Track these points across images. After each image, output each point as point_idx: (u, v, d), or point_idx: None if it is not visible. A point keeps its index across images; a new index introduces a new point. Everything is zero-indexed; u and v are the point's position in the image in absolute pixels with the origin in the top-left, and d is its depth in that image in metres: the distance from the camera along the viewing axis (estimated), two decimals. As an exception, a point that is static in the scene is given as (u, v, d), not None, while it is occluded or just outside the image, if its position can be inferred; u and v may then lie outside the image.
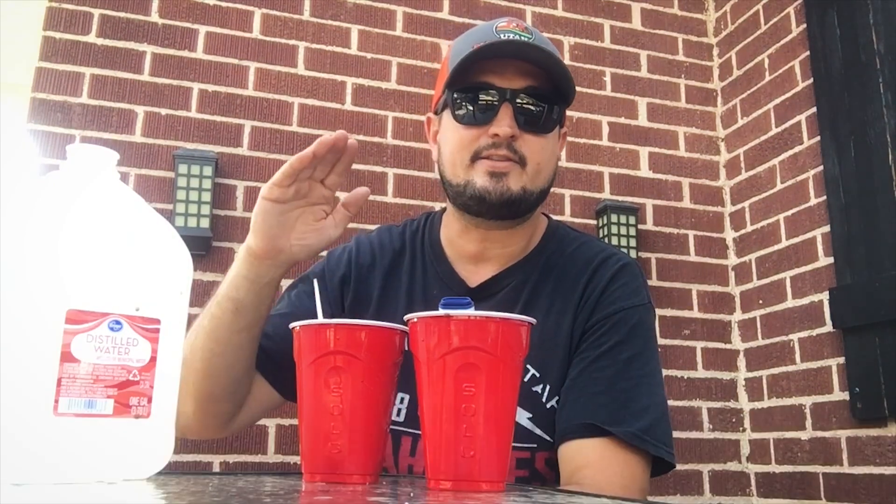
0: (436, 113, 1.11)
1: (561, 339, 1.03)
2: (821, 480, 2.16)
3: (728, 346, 2.54)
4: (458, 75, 1.02)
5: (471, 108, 1.02)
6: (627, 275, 1.07)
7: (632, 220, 2.46)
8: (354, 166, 2.28)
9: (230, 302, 0.95)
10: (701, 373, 2.48)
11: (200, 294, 2.14)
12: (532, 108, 1.01)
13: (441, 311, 0.65)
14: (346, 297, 1.11)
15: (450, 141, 1.05)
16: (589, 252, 1.10)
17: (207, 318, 0.98)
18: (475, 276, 1.09)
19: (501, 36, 1.02)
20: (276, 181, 0.88)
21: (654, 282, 2.50)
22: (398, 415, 1.04)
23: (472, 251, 1.09)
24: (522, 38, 1.02)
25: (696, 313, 2.53)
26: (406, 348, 0.73)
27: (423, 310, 0.68)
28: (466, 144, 1.02)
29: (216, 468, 1.98)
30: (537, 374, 1.02)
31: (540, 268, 1.09)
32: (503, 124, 0.99)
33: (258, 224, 0.91)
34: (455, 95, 1.03)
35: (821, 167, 2.27)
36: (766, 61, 2.54)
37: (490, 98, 1.01)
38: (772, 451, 2.35)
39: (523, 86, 1.01)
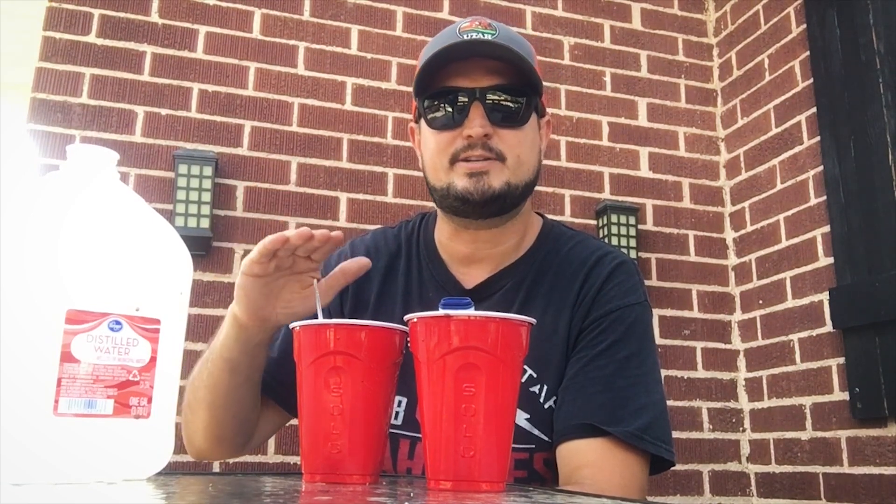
0: (416, 122, 1.12)
1: (558, 338, 1.03)
2: (821, 480, 2.16)
3: (728, 347, 2.54)
4: (425, 82, 1.03)
5: (442, 112, 1.03)
6: (623, 273, 1.07)
7: (632, 220, 2.46)
8: (355, 166, 2.31)
9: (224, 362, 0.96)
10: (701, 373, 2.48)
11: (200, 294, 2.16)
12: (503, 103, 1.01)
13: (441, 312, 0.65)
14: (346, 303, 1.11)
15: (428, 147, 1.05)
16: (585, 251, 1.09)
17: (206, 374, 0.99)
18: (470, 277, 1.09)
19: (464, 37, 1.02)
20: (254, 258, 0.84)
21: (654, 282, 2.50)
22: (396, 418, 1.03)
23: (463, 253, 1.10)
24: (486, 35, 1.02)
25: (696, 313, 2.53)
26: (406, 349, 0.73)
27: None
28: (443, 148, 1.02)
29: (216, 468, 1.97)
30: (535, 375, 1.01)
31: (535, 268, 1.08)
32: (475, 125, 0.99)
33: (241, 298, 0.89)
34: (425, 102, 1.04)
35: (821, 167, 2.27)
36: (766, 61, 2.54)
37: (459, 100, 1.01)
38: (772, 452, 2.35)
39: (490, 83, 1.01)
